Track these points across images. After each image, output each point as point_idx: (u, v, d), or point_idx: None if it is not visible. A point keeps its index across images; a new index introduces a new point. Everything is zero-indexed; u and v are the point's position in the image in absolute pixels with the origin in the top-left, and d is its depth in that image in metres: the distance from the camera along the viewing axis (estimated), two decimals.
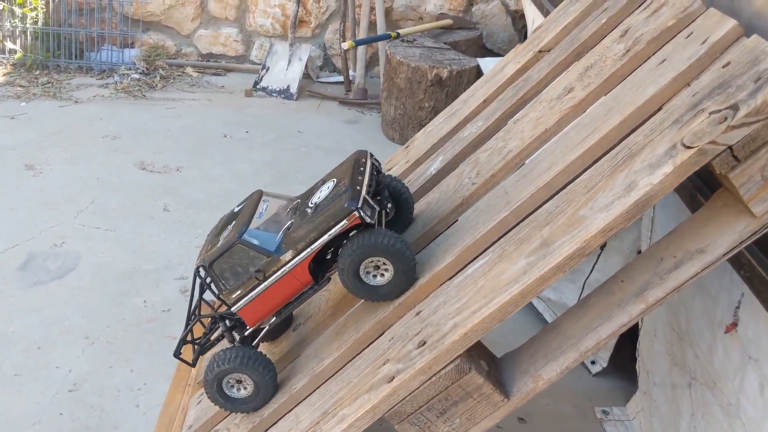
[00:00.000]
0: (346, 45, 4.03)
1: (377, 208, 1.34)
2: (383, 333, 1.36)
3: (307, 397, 1.40)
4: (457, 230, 1.42)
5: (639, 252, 1.99)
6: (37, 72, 4.33)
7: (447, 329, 1.20)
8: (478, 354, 1.24)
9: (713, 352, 1.51)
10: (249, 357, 1.37)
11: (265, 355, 1.42)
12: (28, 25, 4.34)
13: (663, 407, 1.78)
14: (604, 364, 2.21)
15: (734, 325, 1.43)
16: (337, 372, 1.38)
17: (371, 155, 1.45)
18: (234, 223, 1.41)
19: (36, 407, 2.00)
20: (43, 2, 4.35)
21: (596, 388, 2.18)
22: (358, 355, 1.37)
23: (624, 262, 2.04)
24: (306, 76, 4.53)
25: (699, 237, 1.16)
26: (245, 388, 1.41)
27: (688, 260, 1.15)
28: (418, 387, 1.20)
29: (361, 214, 1.27)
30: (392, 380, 1.22)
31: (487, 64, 3.80)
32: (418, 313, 1.32)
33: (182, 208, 3.07)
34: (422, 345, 1.22)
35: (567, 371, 1.19)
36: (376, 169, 1.44)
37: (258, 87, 4.41)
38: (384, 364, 1.27)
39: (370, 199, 1.32)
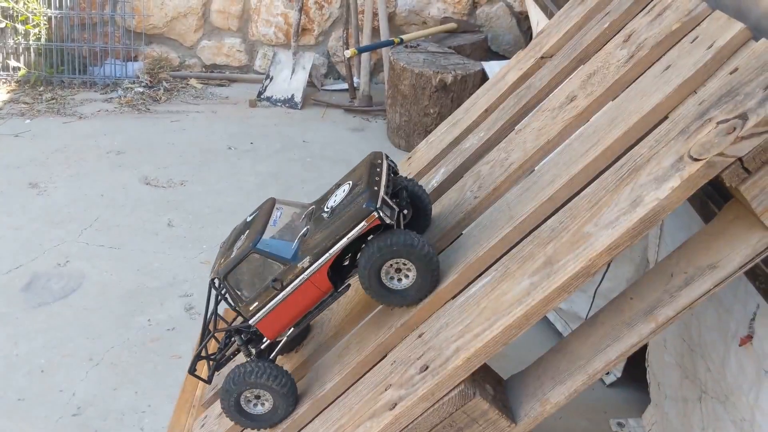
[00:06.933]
0: (348, 53, 3.99)
1: (396, 209, 1.29)
2: (385, 356, 1.32)
3: (309, 423, 1.36)
4: (460, 247, 1.38)
5: (647, 260, 1.93)
6: (41, 88, 4.32)
7: (450, 353, 1.16)
8: (482, 377, 1.20)
9: (726, 366, 1.46)
10: (266, 371, 1.32)
11: (282, 367, 1.36)
12: (31, 42, 4.34)
13: (675, 420, 1.73)
14: (618, 374, 2.16)
15: (749, 337, 1.38)
16: (338, 397, 1.34)
17: (386, 156, 1.40)
18: (247, 232, 1.36)
19: None
20: (45, 18, 4.35)
21: (611, 400, 2.13)
22: (359, 379, 1.33)
23: (635, 270, 1.99)
24: (310, 84, 4.50)
25: (710, 252, 1.11)
26: (263, 404, 1.36)
27: (700, 276, 1.10)
28: (421, 414, 1.16)
29: (380, 214, 1.22)
30: (394, 407, 1.18)
31: (492, 67, 3.75)
32: (420, 335, 1.27)
33: (187, 223, 3.04)
34: (425, 370, 1.18)
35: (575, 394, 1.14)
36: (393, 170, 1.38)
37: (262, 97, 4.38)
38: (386, 390, 1.23)
39: (388, 200, 1.27)
